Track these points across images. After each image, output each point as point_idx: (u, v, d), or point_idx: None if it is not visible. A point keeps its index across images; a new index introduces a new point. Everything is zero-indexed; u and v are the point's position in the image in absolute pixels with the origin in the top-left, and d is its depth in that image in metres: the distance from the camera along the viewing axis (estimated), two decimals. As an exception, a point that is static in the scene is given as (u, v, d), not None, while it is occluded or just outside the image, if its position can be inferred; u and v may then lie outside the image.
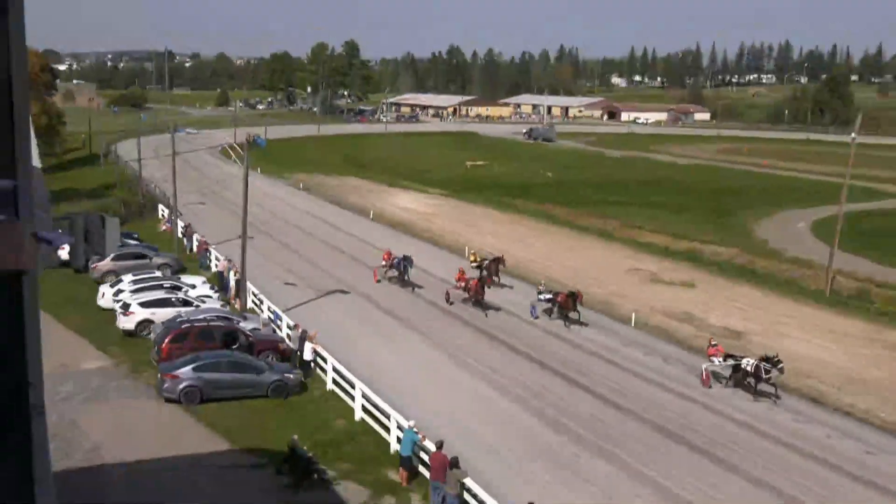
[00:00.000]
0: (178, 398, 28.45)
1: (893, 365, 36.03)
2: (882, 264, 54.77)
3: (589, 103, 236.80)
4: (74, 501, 21.53)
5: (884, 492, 24.48)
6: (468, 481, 21.78)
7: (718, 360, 32.74)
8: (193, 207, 67.46)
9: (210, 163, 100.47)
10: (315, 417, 28.48)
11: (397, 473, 24.26)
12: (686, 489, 24.10)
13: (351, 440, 26.89)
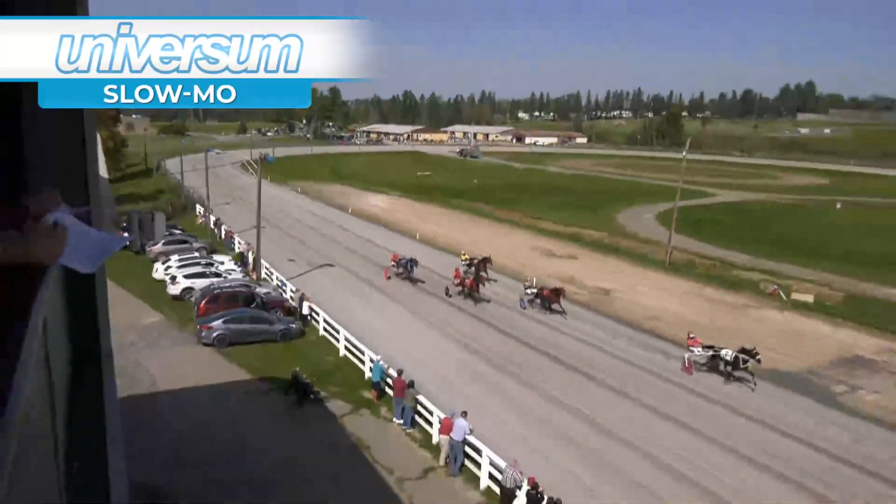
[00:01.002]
0: (213, 343, 28.13)
1: (709, 310, 37.00)
2: (703, 242, 55.89)
3: (503, 131, 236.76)
4: (139, 419, 21.28)
5: (690, 391, 25.21)
6: (420, 397, 21.94)
7: (698, 349, 28.24)
8: (221, 206, 66.19)
9: (233, 175, 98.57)
10: (312, 355, 28.31)
11: (370, 393, 24.30)
12: (570, 397, 24.57)
13: (338, 370, 26.83)
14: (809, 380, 27.26)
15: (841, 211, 79.34)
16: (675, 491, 18.67)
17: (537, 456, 20.00)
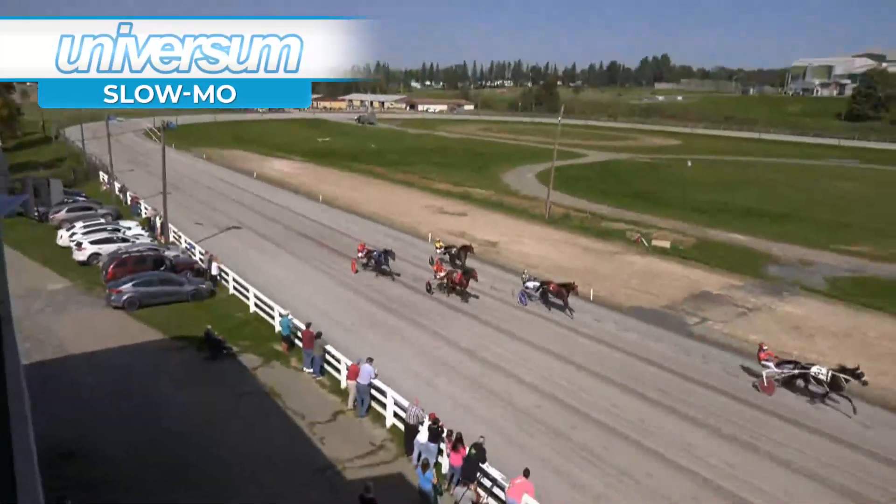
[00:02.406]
0: (123, 305, 26.47)
1: (583, 256, 38.40)
2: (577, 197, 57.68)
3: (397, 99, 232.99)
4: (51, 382, 19.83)
5: (560, 325, 26.26)
6: (328, 347, 21.61)
7: (773, 363, 21.48)
8: (126, 173, 61.95)
9: (136, 142, 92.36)
10: (223, 313, 27.21)
11: (280, 345, 23.71)
12: (464, 340, 24.96)
13: (248, 326, 25.95)
14: (667, 314, 28.92)
15: (691, 168, 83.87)
16: (552, 411, 19.44)
17: (436, 392, 20.29)
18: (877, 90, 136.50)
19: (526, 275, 30.87)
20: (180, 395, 19.96)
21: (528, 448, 17.48)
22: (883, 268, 37.47)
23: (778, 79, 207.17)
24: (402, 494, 15.43)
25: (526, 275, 30.87)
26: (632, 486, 16.02)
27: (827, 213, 54.25)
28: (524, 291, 29.75)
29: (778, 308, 30.11)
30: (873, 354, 24.85)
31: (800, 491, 16.04)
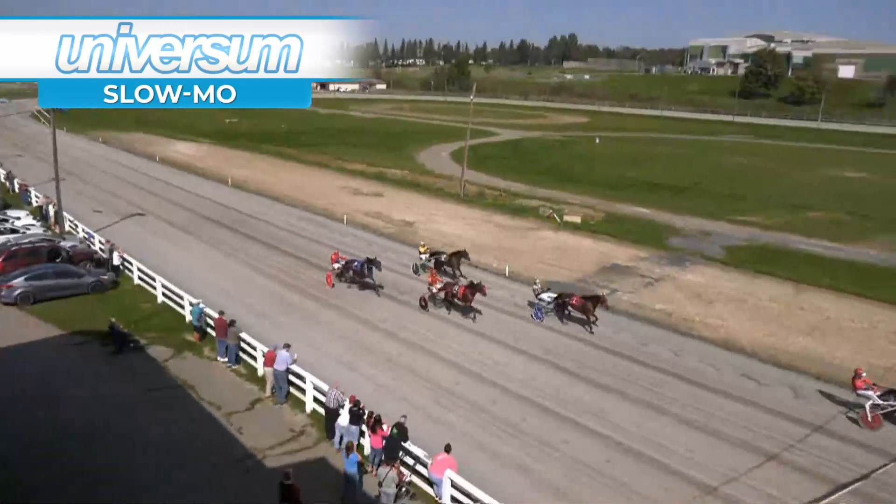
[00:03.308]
0: (15, 301, 24.72)
1: (497, 233, 39.06)
2: (490, 175, 58.44)
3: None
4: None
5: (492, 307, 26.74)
6: (243, 334, 21.04)
7: (871, 391, 18.36)
8: (13, 158, 57.64)
9: (23, 124, 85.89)
10: (128, 304, 25.92)
11: (192, 336, 22.89)
12: (382, 321, 24.92)
13: (156, 317, 24.85)
14: (580, 286, 29.85)
15: (599, 144, 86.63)
16: (472, 387, 19.81)
17: (356, 375, 20.20)
18: (766, 69, 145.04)
19: (538, 285, 26.58)
20: (84, 392, 18.92)
21: (449, 424, 17.74)
22: (773, 235, 40.20)
23: (678, 58, 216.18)
24: (326, 479, 15.34)
25: (538, 285, 26.58)
26: (550, 454, 16.59)
27: (724, 186, 57.48)
28: (539, 306, 25.76)
29: (681, 277, 31.77)
30: (765, 317, 26.71)
31: (700, 446, 17.11)
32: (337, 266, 28.85)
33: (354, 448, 14.78)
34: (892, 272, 33.21)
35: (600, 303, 24.48)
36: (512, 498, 13.66)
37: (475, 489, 13.51)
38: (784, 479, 15.78)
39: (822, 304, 28.37)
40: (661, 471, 16.02)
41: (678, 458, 16.53)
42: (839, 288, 30.24)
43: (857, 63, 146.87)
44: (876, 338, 24.90)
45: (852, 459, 16.57)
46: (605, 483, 15.47)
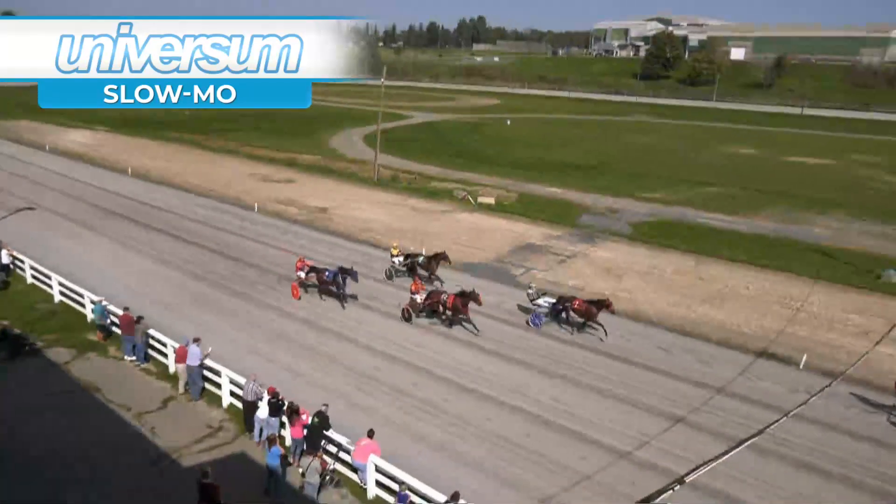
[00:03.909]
0: None
1: (413, 217, 39.10)
2: (404, 159, 58.28)
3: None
4: None
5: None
6: (151, 330, 20.13)
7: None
8: None
9: None
10: (21, 305, 24.17)
11: (96, 335, 21.68)
12: (295, 307, 24.51)
13: (54, 317, 23.29)
14: (496, 267, 30.47)
15: (510, 126, 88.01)
16: (392, 371, 19.88)
17: (275, 366, 19.79)
18: (665, 52, 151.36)
19: (533, 289, 24.43)
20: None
21: (371, 409, 17.72)
22: (674, 211, 42.32)
23: (583, 40, 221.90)
24: (247, 473, 15.01)
25: (533, 289, 24.43)
26: (472, 432, 16.90)
27: (629, 164, 59.84)
28: (536, 312, 23.70)
29: (591, 253, 32.94)
30: (669, 288, 28.17)
31: (614, 414, 17.93)
32: (302, 274, 25.58)
33: (276, 440, 14.54)
34: (781, 241, 35.74)
35: (605, 307, 22.57)
36: (435, 477, 13.84)
37: (399, 472, 13.60)
38: (690, 439, 16.79)
39: (720, 273, 30.18)
40: (578, 440, 16.67)
41: (593, 427, 17.24)
42: (735, 258, 32.28)
43: (747, 45, 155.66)
44: (769, 302, 26.77)
45: (750, 417, 17.81)
46: (525, 456, 15.93)
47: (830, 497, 14.78)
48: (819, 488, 15.08)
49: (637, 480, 14.83)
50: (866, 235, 37.68)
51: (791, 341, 22.89)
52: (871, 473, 15.65)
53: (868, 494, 14.93)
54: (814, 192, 49.11)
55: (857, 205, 45.10)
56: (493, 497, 13.43)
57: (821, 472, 15.70)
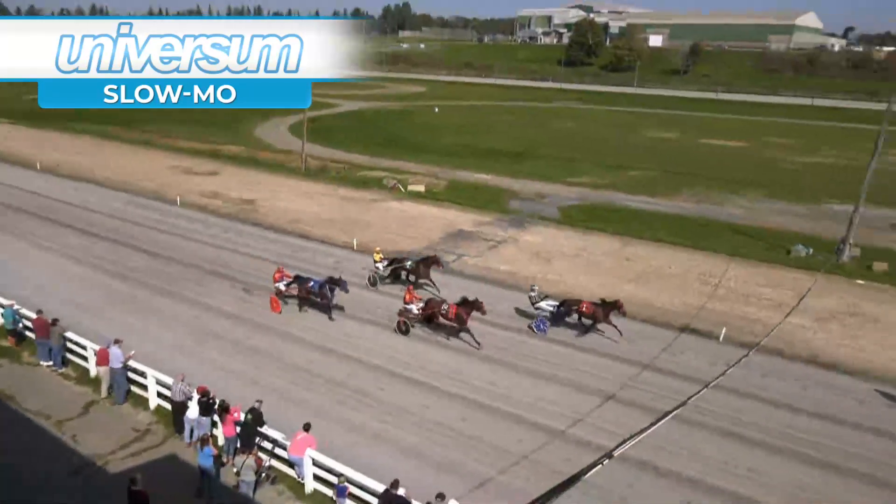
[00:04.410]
0: None
1: (343, 207, 38.65)
2: (333, 148, 57.46)
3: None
4: None
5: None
6: (69, 333, 19.15)
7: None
8: None
9: None
10: (-80, 312, 22.55)
11: (7, 341, 20.44)
12: (219, 301, 23.88)
13: (-42, 323, 21.90)
14: (427, 254, 30.45)
15: (438, 114, 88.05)
16: (327, 363, 19.69)
17: (203, 363, 19.23)
18: (587, 39, 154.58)
19: (536, 292, 22.87)
20: None
21: (306, 402, 17.49)
22: (600, 194, 43.50)
23: (508, 27, 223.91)
24: (179, 476, 14.56)
25: (536, 292, 22.87)
26: (409, 420, 16.95)
27: (556, 149, 60.99)
28: (540, 317, 22.30)
29: (521, 238, 33.48)
30: (597, 270, 28.99)
31: (548, 395, 18.36)
32: (282, 286, 23.50)
33: (209, 440, 14.15)
34: (699, 221, 37.34)
35: (616, 308, 21.50)
36: (373, 466, 13.83)
37: (336, 464, 13.51)
38: (620, 414, 17.39)
39: (645, 253, 31.28)
40: (514, 422, 16.99)
41: (529, 409, 17.60)
42: (658, 238, 33.51)
43: (665, 33, 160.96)
44: (690, 280, 27.96)
45: (675, 390, 18.60)
46: (462, 441, 16.11)
47: (751, 461, 15.65)
48: (740, 453, 15.93)
49: (572, 457, 15.25)
50: (777, 214, 39.84)
51: (711, 316, 24.00)
52: (787, 437, 16.65)
53: (785, 456, 15.87)
54: (729, 173, 51.46)
55: (768, 185, 47.58)
56: (432, 483, 13.53)
57: (741, 438, 16.60)
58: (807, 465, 15.58)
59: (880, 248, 32.02)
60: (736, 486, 14.72)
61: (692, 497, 14.37)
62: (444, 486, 12.86)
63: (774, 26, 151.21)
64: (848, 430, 17.11)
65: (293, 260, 28.79)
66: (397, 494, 12.34)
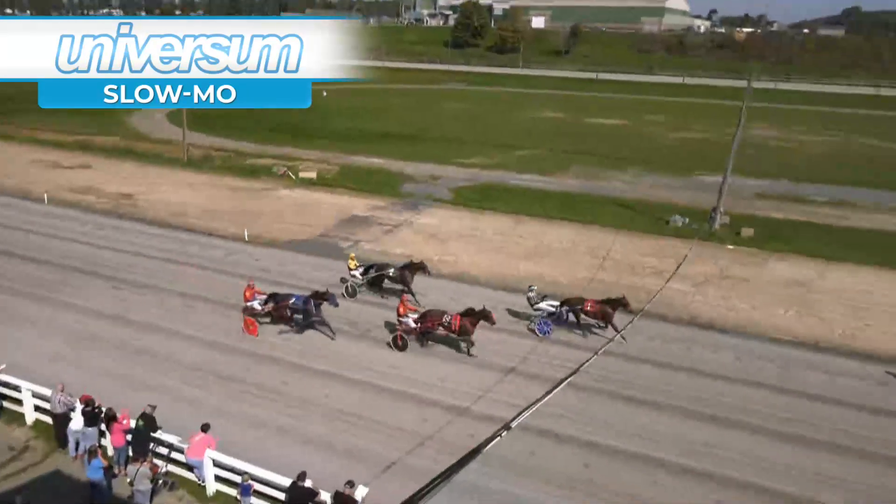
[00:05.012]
0: None
1: (232, 197, 37.23)
2: (216, 136, 55.03)
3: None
4: None
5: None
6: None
7: None
8: None
9: None
10: None
11: None
12: (97, 303, 22.47)
13: None
14: (323, 242, 30.04)
15: (326, 98, 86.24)
16: (223, 361, 19.04)
17: (85, 371, 18.00)
18: (472, 20, 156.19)
19: (534, 293, 21.91)
20: None
21: (202, 403, 16.83)
22: (491, 174, 44.44)
23: (394, 9, 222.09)
24: (67, 492, 13.65)
25: (534, 293, 21.91)
26: (314, 410, 16.73)
27: (446, 131, 61.56)
28: (543, 319, 21.34)
29: (416, 221, 33.65)
30: (491, 248, 29.70)
31: (450, 374, 18.69)
32: (256, 305, 20.72)
33: (97, 452, 13.30)
34: (585, 197, 39.02)
35: (621, 305, 20.95)
36: (277, 460, 13.57)
37: (238, 462, 13.14)
38: (521, 386, 18.00)
39: (537, 230, 32.33)
40: (418, 404, 17.16)
41: (432, 390, 17.84)
42: (549, 215, 34.73)
43: (546, 15, 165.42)
44: (580, 254, 29.23)
45: (570, 359, 19.47)
46: (368, 426, 16.11)
47: (642, 420, 16.69)
48: (632, 414, 16.96)
49: (476, 432, 15.64)
50: (656, 187, 42.30)
51: (600, 287, 25.19)
52: (672, 396, 17.89)
53: (672, 413, 17.06)
54: (612, 150, 54.00)
55: (647, 160, 50.39)
56: (340, 471, 13.46)
57: (632, 399, 17.66)
58: (693, 420, 16.81)
59: (747, 216, 34.80)
60: (630, 445, 15.67)
61: (590, 459, 15.15)
62: (350, 473, 12.84)
63: (646, 9, 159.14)
64: (725, 384, 18.61)
65: (183, 256, 27.48)
66: (305, 486, 12.20)
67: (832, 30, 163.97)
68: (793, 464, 15.17)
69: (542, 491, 14.06)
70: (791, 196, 40.59)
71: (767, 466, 15.03)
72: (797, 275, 27.42)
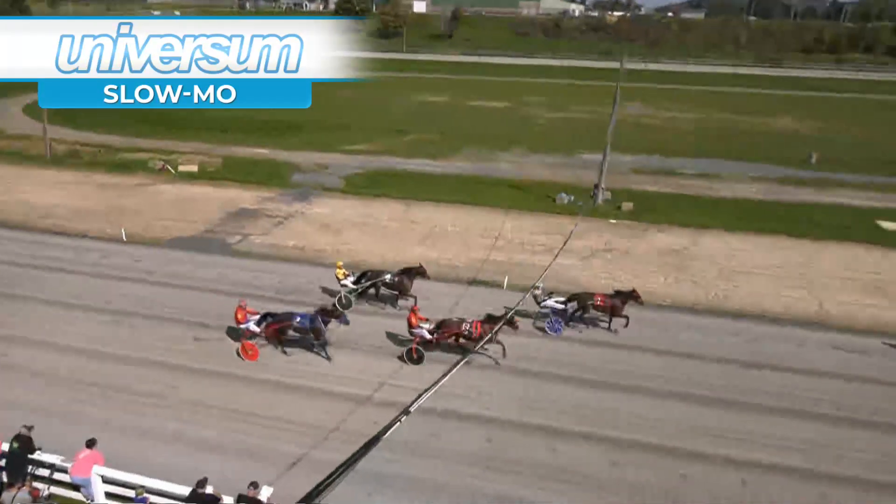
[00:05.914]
0: None
1: (103, 195, 34.82)
2: (81, 130, 51.04)
3: None
4: None
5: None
6: None
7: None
8: None
9: None
10: None
11: None
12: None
13: None
14: (209, 238, 28.77)
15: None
16: (105, 371, 17.92)
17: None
18: (354, 5, 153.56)
19: (540, 289, 21.36)
20: None
21: (87, 416, 15.76)
22: (380, 160, 44.22)
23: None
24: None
25: (540, 289, 21.36)
26: (206, 413, 16.12)
27: (331, 118, 60.27)
28: (553, 318, 20.69)
29: (308, 211, 32.95)
30: (385, 235, 29.66)
31: (349, 364, 18.56)
32: (253, 326, 18.55)
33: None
34: (476, 179, 39.71)
35: (632, 298, 20.54)
36: (172, 468, 12.98)
37: (130, 476, 12.46)
38: (421, 371, 18.17)
39: (429, 215, 32.56)
40: (321, 397, 16.95)
41: (333, 382, 17.65)
42: (440, 199, 35.05)
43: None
44: (472, 236, 29.77)
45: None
46: (268, 424, 15.74)
47: (539, 392, 17.37)
48: (528, 387, 17.60)
49: (379, 419, 15.65)
50: (540, 166, 43.73)
51: (494, 267, 25.86)
52: (564, 365, 18.73)
53: (565, 382, 17.87)
54: (497, 132, 55.14)
55: (530, 141, 51.90)
56: (242, 472, 13.06)
57: (527, 372, 18.33)
58: (586, 388, 17.70)
59: (626, 190, 36.75)
60: (529, 418, 16.27)
61: (492, 434, 15.60)
62: (254, 474, 12.50)
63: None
64: (611, 350, 19.71)
65: (51, 260, 25.43)
66: (206, 493, 11.75)
67: (694, 13, 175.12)
68: (675, 419, 16.36)
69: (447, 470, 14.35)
70: (664, 170, 43.27)
71: (656, 425, 16.12)
72: (673, 244, 29.35)
